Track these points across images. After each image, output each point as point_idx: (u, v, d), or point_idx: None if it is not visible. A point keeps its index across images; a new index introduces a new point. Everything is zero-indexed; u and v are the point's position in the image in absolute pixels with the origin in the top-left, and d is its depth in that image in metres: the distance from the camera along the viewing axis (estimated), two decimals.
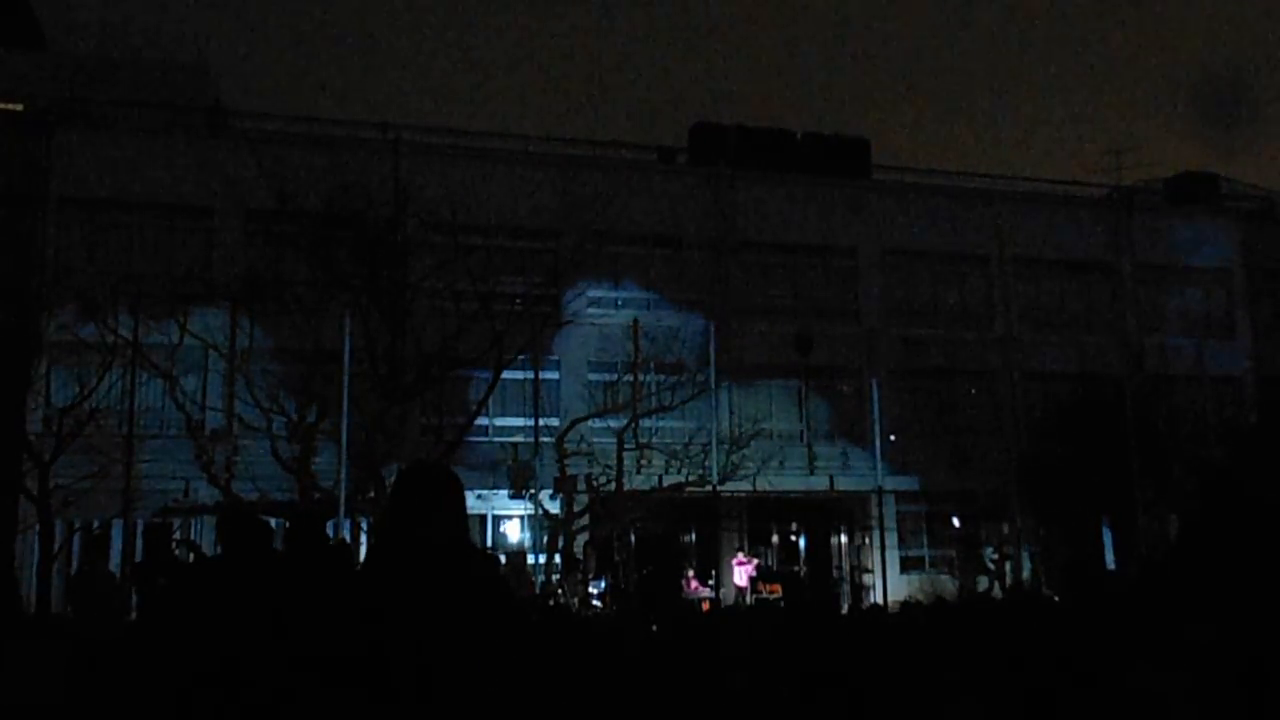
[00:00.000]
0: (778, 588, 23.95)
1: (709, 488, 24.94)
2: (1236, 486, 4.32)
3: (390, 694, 3.57)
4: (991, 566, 28.46)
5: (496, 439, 25.93)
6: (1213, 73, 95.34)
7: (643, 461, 25.73)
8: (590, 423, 26.12)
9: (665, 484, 25.58)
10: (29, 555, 22.18)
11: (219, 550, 5.74)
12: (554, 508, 25.46)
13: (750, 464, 25.68)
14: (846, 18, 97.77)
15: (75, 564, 22.01)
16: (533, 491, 24.65)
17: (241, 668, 4.62)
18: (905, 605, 10.56)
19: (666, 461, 25.95)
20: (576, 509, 25.41)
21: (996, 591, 25.56)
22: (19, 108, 25.92)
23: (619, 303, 28.20)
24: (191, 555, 20.31)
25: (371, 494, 22.12)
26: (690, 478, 25.65)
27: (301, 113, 59.54)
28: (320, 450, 22.33)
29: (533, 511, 25.07)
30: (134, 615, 14.22)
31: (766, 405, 28.74)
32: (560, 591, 22.56)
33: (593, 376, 27.55)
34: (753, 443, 26.26)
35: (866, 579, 28.27)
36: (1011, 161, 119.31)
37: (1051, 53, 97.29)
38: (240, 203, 25.58)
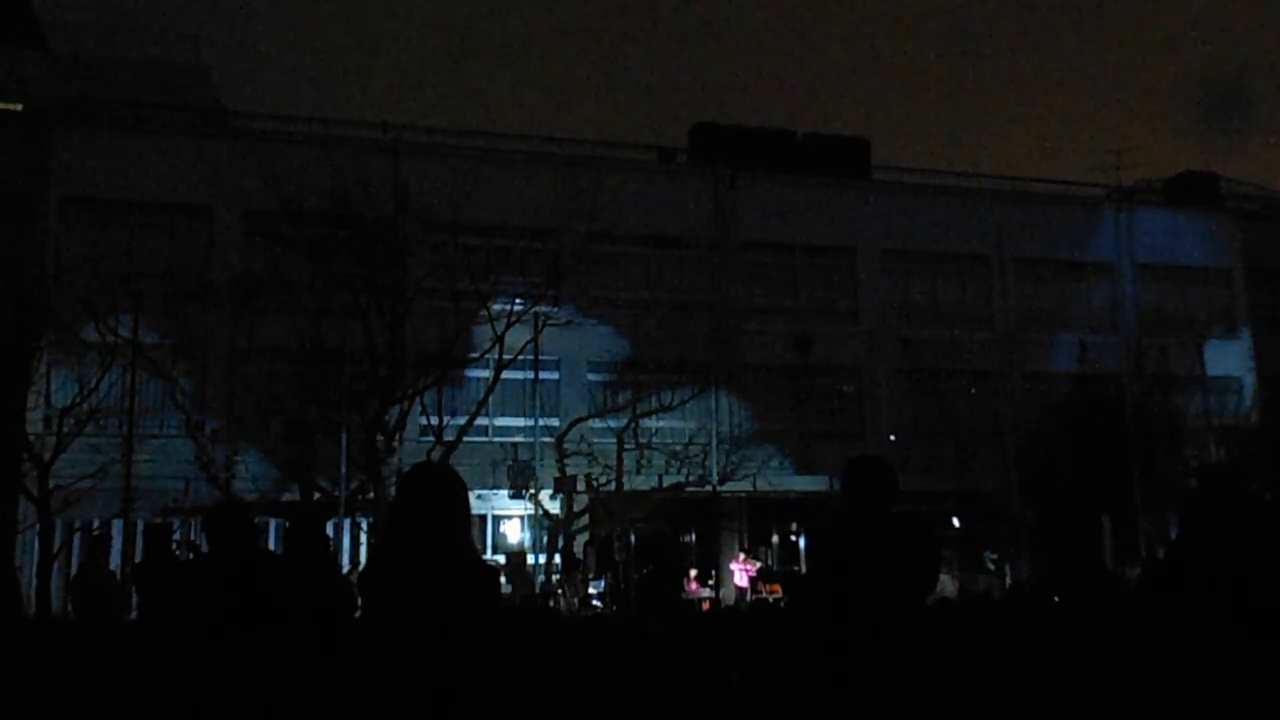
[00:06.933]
0: (778, 588, 23.93)
1: (709, 488, 24.92)
2: (1236, 485, 4.31)
3: (385, 692, 3.57)
4: (991, 566, 28.42)
5: (496, 439, 25.91)
6: (1213, 73, 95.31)
7: (643, 461, 25.74)
8: (590, 423, 26.14)
9: (665, 484, 25.57)
10: (29, 555, 22.17)
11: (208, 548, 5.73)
12: (554, 508, 25.47)
13: (750, 464, 25.69)
14: (846, 19, 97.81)
15: (75, 564, 21.99)
16: (533, 491, 24.66)
17: (236, 665, 4.62)
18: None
19: (666, 461, 25.95)
20: (576, 509, 25.42)
21: (996, 592, 25.54)
22: (19, 108, 25.90)
23: (619, 303, 28.18)
24: (192, 555, 20.31)
25: (371, 494, 22.12)
26: (690, 478, 25.64)
27: (301, 113, 59.46)
28: (320, 450, 22.33)
29: (533, 511, 25.08)
30: (134, 615, 14.22)
31: (766, 405, 28.72)
32: (560, 591, 22.58)
33: (593, 376, 27.55)
34: (752, 443, 26.24)
35: None
36: (1011, 161, 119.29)
37: (1051, 52, 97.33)
38: (240, 203, 25.56)
